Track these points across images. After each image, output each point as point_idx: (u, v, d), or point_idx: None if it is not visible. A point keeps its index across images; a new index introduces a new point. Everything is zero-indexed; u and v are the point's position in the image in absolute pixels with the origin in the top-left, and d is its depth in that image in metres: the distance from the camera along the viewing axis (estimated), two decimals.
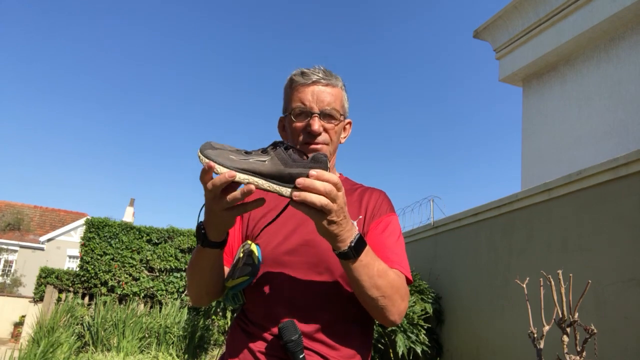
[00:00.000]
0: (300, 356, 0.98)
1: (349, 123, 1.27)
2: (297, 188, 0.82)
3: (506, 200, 4.20)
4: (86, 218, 10.27)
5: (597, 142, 4.68)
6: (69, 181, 41.97)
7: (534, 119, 5.57)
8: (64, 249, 23.98)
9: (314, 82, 1.15)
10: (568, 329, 1.45)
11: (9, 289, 20.17)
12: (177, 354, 7.52)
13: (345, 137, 1.26)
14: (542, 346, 1.52)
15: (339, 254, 0.92)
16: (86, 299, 9.42)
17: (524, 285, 1.70)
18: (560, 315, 1.46)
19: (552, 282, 1.52)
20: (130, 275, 9.63)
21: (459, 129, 49.47)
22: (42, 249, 23.56)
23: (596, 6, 4.73)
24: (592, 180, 3.38)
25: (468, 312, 4.60)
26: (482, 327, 4.34)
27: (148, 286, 9.59)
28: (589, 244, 3.34)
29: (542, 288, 1.61)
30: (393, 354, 4.36)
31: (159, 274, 9.75)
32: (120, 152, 42.53)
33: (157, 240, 9.90)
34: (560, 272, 1.51)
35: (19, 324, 13.06)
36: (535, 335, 1.54)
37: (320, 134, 1.14)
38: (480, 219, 4.60)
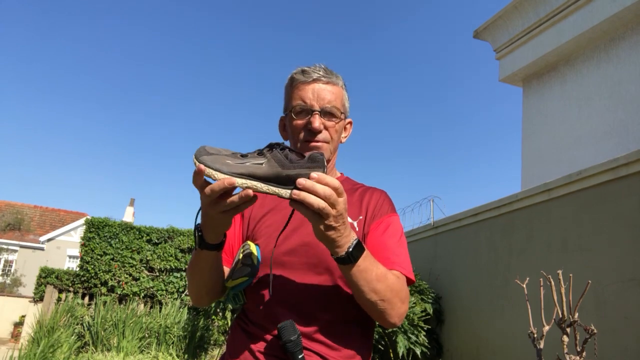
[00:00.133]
0: (300, 356, 0.98)
1: (349, 123, 1.27)
2: (297, 188, 0.82)
3: (506, 201, 4.20)
4: (86, 218, 10.26)
5: (597, 142, 4.68)
6: (69, 181, 42.02)
7: (534, 119, 5.57)
8: (64, 249, 23.99)
9: (314, 80, 1.15)
10: (568, 329, 1.45)
11: (9, 288, 20.17)
12: (177, 354, 7.52)
13: (345, 137, 1.26)
14: (542, 346, 1.52)
15: (337, 259, 0.92)
16: (86, 299, 9.42)
17: (524, 285, 1.70)
18: (560, 315, 1.46)
19: (552, 282, 1.52)
20: (130, 275, 9.63)
21: (459, 129, 49.49)
22: (42, 249, 23.55)
23: (596, 6, 4.73)
24: (592, 180, 3.38)
25: (468, 312, 4.60)
26: (482, 327, 4.34)
27: (148, 286, 9.59)
28: (589, 244, 3.34)
29: (542, 288, 1.61)
30: (393, 354, 4.36)
31: (159, 274, 9.75)
32: (120, 152, 42.58)
33: (157, 240, 9.90)
34: (560, 272, 1.51)
35: (19, 324, 13.06)
36: (535, 335, 1.54)
37: (320, 131, 1.13)
38: (480, 219, 4.60)
